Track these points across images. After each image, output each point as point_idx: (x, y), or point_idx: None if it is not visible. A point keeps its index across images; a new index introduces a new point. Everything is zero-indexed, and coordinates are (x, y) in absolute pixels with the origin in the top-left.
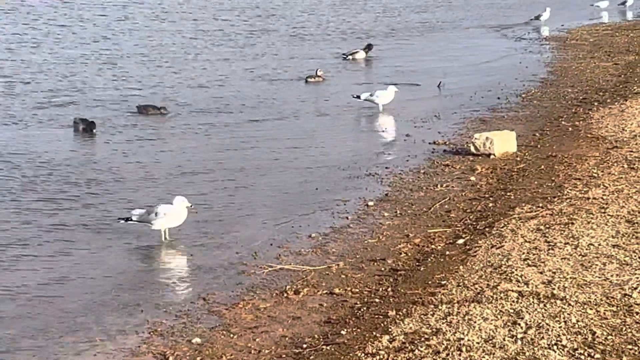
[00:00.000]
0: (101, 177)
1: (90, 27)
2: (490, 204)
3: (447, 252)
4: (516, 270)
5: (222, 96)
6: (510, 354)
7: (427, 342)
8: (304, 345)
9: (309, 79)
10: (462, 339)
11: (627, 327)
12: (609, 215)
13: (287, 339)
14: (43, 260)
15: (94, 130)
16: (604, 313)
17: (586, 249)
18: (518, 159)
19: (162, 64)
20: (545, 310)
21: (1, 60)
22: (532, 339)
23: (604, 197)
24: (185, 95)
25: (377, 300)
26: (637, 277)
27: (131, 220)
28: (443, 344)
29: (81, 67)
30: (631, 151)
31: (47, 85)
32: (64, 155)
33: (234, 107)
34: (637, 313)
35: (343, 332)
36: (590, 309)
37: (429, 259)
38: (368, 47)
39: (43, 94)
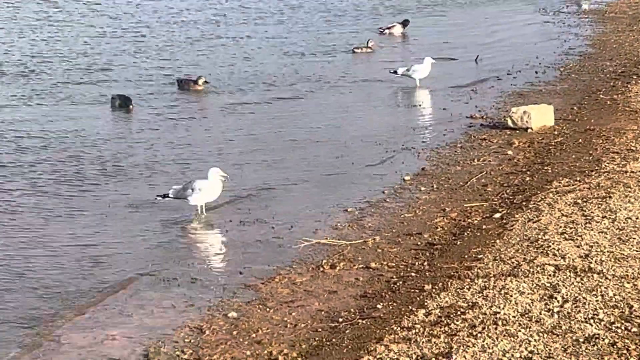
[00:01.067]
0: (138, 153)
1: (111, 3)
2: (528, 178)
3: (484, 226)
4: (553, 244)
5: (257, 72)
6: (547, 327)
7: (463, 316)
8: (340, 319)
9: (356, 50)
10: (498, 312)
11: None
12: None
13: (323, 313)
14: (80, 235)
15: (131, 106)
16: None
17: (624, 223)
18: (556, 132)
19: (188, 40)
20: (582, 284)
21: (26, 40)
22: (568, 313)
23: None
24: (218, 72)
25: (413, 274)
26: None
27: (168, 196)
28: (479, 317)
29: (110, 44)
30: None
31: (76, 63)
32: (101, 131)
33: (268, 83)
34: None
35: (379, 306)
36: (628, 282)
37: (466, 233)
38: (405, 23)
39: (73, 72)
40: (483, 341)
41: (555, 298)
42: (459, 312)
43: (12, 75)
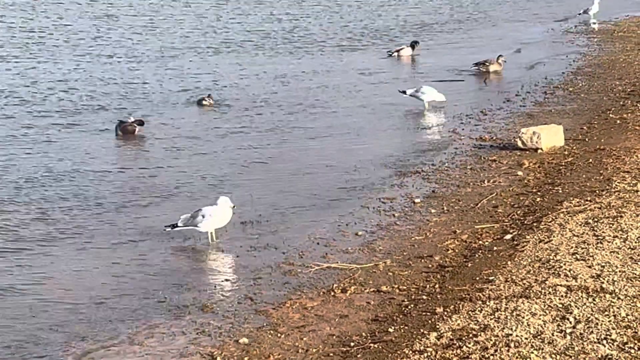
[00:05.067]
0: (146, 180)
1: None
2: (538, 199)
3: (495, 248)
4: (564, 264)
5: (267, 94)
6: (559, 349)
7: (475, 339)
8: (352, 344)
9: (486, 65)
10: (511, 334)
11: None
12: None
13: (334, 337)
14: (90, 262)
15: (139, 128)
16: None
17: (635, 242)
18: (566, 152)
19: (196, 62)
20: (594, 304)
21: (38, 62)
22: (581, 334)
23: None
24: (227, 94)
25: (424, 297)
26: None
27: (177, 226)
28: (491, 340)
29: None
30: None
31: (76, 90)
32: (109, 159)
33: (278, 105)
34: None
35: (390, 330)
36: None
37: (477, 255)
38: (413, 45)
39: (73, 99)
40: None
41: (568, 319)
42: (471, 335)
43: (10, 105)
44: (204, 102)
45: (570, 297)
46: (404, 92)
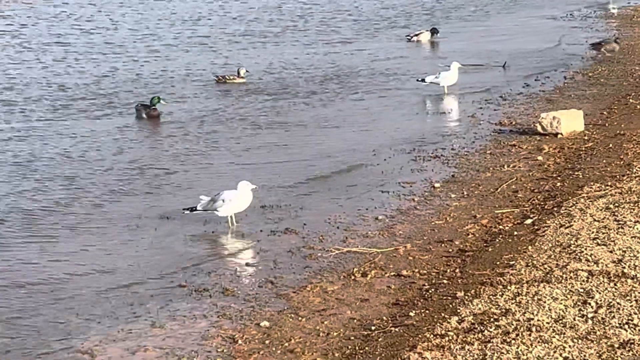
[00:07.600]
0: (166, 164)
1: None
2: (558, 184)
3: (515, 233)
4: (585, 249)
5: (287, 77)
6: (581, 333)
7: (496, 323)
8: (373, 327)
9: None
10: (532, 319)
11: None
12: None
13: (355, 321)
14: (111, 247)
15: (161, 102)
16: None
17: None
18: (586, 137)
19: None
20: (615, 289)
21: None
22: (602, 318)
23: None
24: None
25: (445, 281)
26: None
27: (196, 209)
28: (512, 324)
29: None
30: None
31: (95, 74)
32: (128, 143)
33: (298, 89)
34: None
35: (411, 314)
36: None
37: (497, 240)
38: (433, 31)
39: (91, 83)
40: (517, 348)
41: (589, 304)
42: (492, 319)
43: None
44: (226, 79)
45: (591, 282)
46: (423, 80)
